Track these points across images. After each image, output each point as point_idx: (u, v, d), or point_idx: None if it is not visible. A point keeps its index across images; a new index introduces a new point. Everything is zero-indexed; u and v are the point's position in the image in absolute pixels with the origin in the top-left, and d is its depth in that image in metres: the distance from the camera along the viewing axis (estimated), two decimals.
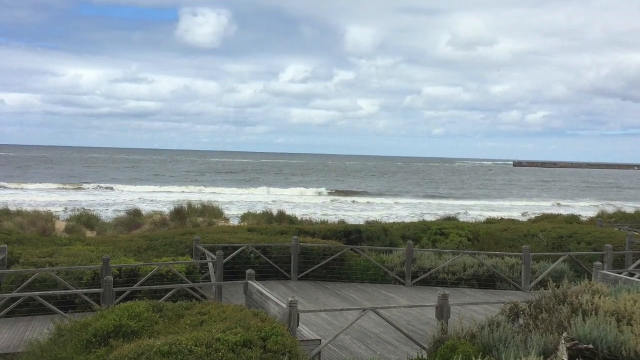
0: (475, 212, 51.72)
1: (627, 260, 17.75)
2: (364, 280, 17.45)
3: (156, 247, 18.01)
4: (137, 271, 14.59)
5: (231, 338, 8.16)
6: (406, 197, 73.57)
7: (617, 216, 30.92)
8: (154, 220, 27.57)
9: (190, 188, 74.37)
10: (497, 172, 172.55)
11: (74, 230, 24.78)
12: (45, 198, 54.52)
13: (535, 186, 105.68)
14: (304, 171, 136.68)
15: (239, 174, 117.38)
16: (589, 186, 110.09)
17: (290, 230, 20.70)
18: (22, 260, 15.23)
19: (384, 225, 23.31)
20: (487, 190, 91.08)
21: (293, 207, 49.16)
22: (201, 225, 25.79)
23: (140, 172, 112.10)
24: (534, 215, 38.19)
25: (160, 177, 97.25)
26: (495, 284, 17.04)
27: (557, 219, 30.22)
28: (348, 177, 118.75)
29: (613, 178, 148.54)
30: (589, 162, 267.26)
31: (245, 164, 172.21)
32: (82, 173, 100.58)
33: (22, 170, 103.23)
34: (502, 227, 23.39)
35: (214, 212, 30.49)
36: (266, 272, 17.20)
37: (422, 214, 46.51)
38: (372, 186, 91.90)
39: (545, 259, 17.78)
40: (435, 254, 18.13)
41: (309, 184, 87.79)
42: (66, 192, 63.70)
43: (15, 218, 25.47)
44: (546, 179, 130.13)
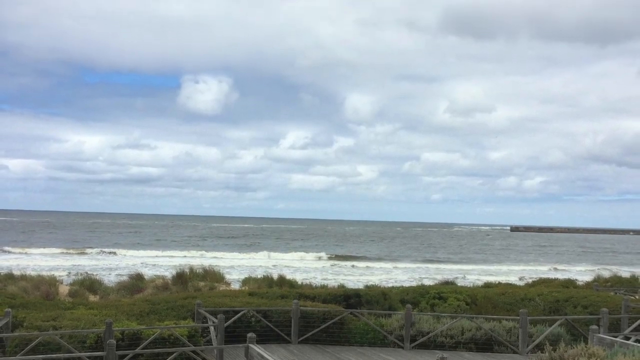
0: (473, 276, 51.72)
1: (623, 323, 17.95)
2: (363, 343, 17.61)
3: (158, 311, 18.16)
4: (139, 335, 14.71)
5: None
6: (405, 261, 73.51)
7: (613, 280, 31.10)
8: (156, 284, 27.76)
9: (192, 253, 74.46)
10: (495, 237, 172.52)
11: (77, 295, 24.96)
12: (49, 262, 54.66)
13: (533, 251, 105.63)
14: (304, 236, 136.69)
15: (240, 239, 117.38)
16: (585, 251, 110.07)
17: (290, 294, 20.86)
18: (26, 324, 15.35)
19: (383, 290, 23.45)
20: (484, 255, 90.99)
21: (293, 272, 49.24)
22: (203, 290, 25.97)
23: (143, 237, 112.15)
24: (531, 280, 38.36)
25: (162, 242, 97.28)
26: (493, 348, 17.19)
27: (554, 283, 30.38)
28: (348, 242, 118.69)
29: (609, 243, 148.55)
30: (586, 227, 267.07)
31: (246, 229, 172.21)
32: (85, 238, 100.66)
33: (26, 235, 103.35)
34: (500, 291, 23.55)
35: (216, 276, 30.68)
36: (267, 336, 17.36)
37: (421, 278, 46.59)
38: (372, 251, 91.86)
39: (542, 323, 17.96)
40: (433, 317, 18.31)
41: (309, 249, 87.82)
42: (70, 257, 63.84)
43: (19, 282, 25.66)
44: (543, 244, 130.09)
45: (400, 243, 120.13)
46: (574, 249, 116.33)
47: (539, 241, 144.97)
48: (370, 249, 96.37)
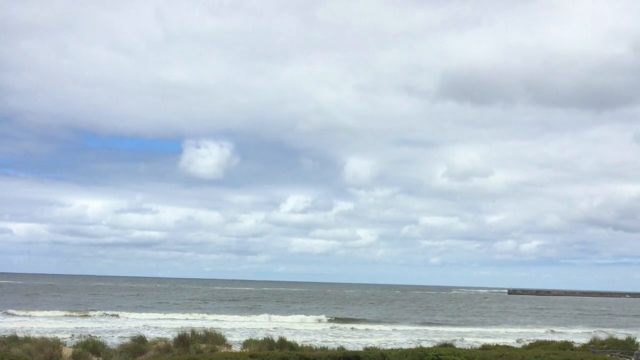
0: (471, 338, 51.60)
1: None
2: None
3: None
4: None
5: None
6: (404, 324, 73.16)
7: (609, 343, 31.26)
8: (159, 346, 28.03)
9: (194, 315, 74.22)
10: (493, 299, 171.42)
11: (80, 357, 25.21)
12: (52, 325, 54.62)
13: (530, 313, 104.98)
14: (305, 299, 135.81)
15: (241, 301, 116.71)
16: (582, 313, 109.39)
17: (291, 356, 21.21)
18: None
19: (383, 352, 23.73)
20: (482, 318, 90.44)
21: (294, 334, 49.26)
22: (204, 352, 26.24)
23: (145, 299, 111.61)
24: (529, 342, 38.43)
25: (164, 305, 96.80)
26: None
27: (551, 346, 30.51)
28: (347, 304, 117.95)
29: (605, 306, 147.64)
30: (582, 290, 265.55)
31: (247, 292, 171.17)
32: (88, 301, 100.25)
33: (30, 298, 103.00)
34: (498, 354, 23.72)
35: (217, 338, 30.93)
36: None
37: (420, 341, 46.58)
38: (371, 313, 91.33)
39: None
40: None
41: (310, 312, 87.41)
42: (73, 319, 63.67)
43: (23, 345, 25.89)
44: (540, 307, 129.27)
45: (399, 306, 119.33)
46: (571, 311, 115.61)
47: (536, 304, 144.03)
48: (369, 312, 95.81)
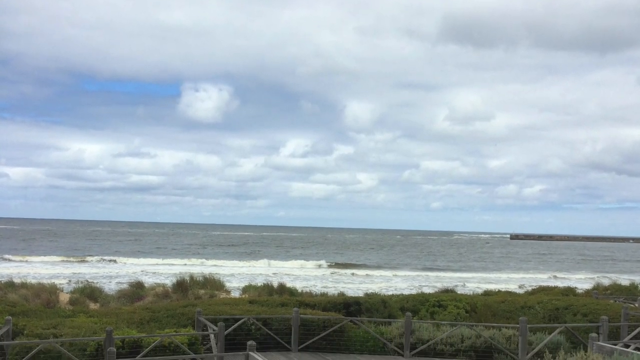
0: (472, 284, 51.68)
1: (622, 331, 17.95)
2: (363, 351, 17.62)
3: (159, 319, 18.19)
4: (140, 343, 14.73)
5: None
6: (405, 269, 73.45)
7: (612, 288, 31.04)
8: (157, 292, 27.76)
9: (192, 261, 74.46)
10: (495, 245, 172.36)
11: (77, 302, 24.96)
12: (49, 271, 54.66)
13: (532, 259, 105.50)
14: (304, 244, 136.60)
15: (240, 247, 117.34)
16: (584, 259, 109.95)
17: (290, 302, 20.88)
18: (26, 332, 15.37)
19: (383, 298, 23.45)
20: (484, 263, 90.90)
21: (293, 280, 49.23)
22: (203, 298, 25.96)
23: (143, 245, 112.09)
24: (531, 288, 38.29)
25: (162, 250, 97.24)
26: (493, 355, 17.19)
27: (554, 291, 30.31)
28: (347, 250, 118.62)
29: (608, 251, 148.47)
30: (585, 235, 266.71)
31: (246, 237, 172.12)
32: (85, 246, 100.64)
33: (27, 243, 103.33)
34: (500, 299, 23.53)
35: (216, 284, 30.67)
36: (267, 344, 17.38)
37: (421, 286, 46.55)
38: (371, 259, 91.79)
39: (542, 331, 17.95)
40: (433, 325, 18.33)
41: (309, 257, 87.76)
42: (70, 265, 63.81)
43: (19, 290, 25.67)
44: (543, 252, 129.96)
45: (400, 251, 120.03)
46: (574, 257, 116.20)
47: (538, 249, 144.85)
48: (370, 257, 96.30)
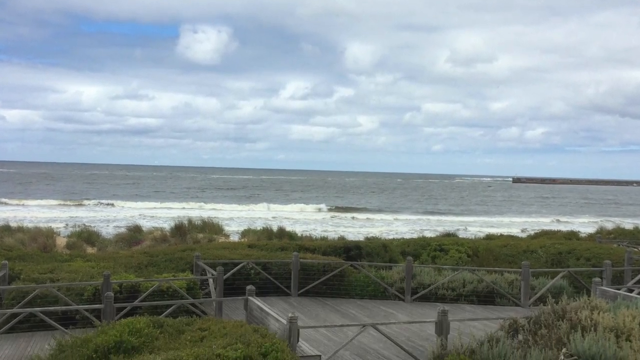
0: (474, 228, 51.71)
1: (626, 276, 17.78)
2: (363, 296, 17.47)
3: (157, 263, 18.03)
4: (137, 287, 14.60)
5: (231, 354, 8.18)
6: (406, 213, 73.57)
7: (616, 232, 30.91)
8: (155, 236, 27.61)
9: (191, 204, 74.42)
10: (497, 188, 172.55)
11: (74, 247, 24.82)
12: (46, 214, 54.55)
13: (535, 202, 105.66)
14: (304, 188, 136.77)
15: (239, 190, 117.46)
16: (588, 203, 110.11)
17: (290, 246, 20.71)
18: (23, 277, 15.26)
19: (384, 242, 23.30)
20: (486, 207, 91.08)
21: (293, 224, 49.19)
22: (202, 242, 25.82)
23: (141, 188, 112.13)
24: (533, 232, 38.18)
25: (160, 194, 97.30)
26: (495, 300, 17.05)
27: (557, 235, 30.21)
28: (348, 193, 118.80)
29: (612, 194, 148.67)
30: (588, 179, 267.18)
31: (245, 180, 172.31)
32: (83, 189, 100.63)
33: (24, 186, 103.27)
34: (502, 244, 23.40)
35: (215, 228, 30.53)
36: (266, 288, 17.22)
37: (422, 230, 46.50)
38: (372, 202, 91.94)
39: (545, 275, 17.80)
40: (434, 270, 18.16)
41: (309, 201, 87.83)
42: (67, 209, 63.74)
43: (16, 234, 25.52)
44: (545, 196, 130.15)
45: (401, 194, 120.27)
46: (577, 200, 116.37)
47: (541, 193, 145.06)
48: (370, 201, 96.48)
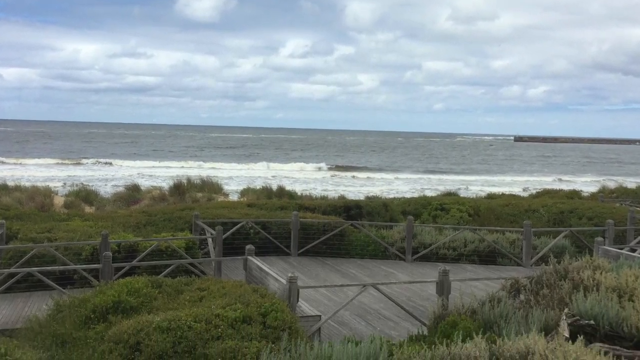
0: (476, 187, 51.59)
1: (628, 235, 17.68)
2: (364, 256, 17.40)
3: (155, 222, 17.94)
4: (136, 247, 14.54)
5: (231, 314, 8.09)
6: (406, 172, 73.40)
7: (618, 192, 30.77)
8: (153, 195, 27.49)
9: (190, 163, 74.16)
10: (498, 147, 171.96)
11: (72, 206, 24.71)
12: (43, 173, 54.36)
13: (537, 161, 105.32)
14: (304, 146, 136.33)
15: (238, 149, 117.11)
16: (590, 161, 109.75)
17: (290, 205, 20.61)
18: (20, 236, 15.18)
19: (384, 201, 23.21)
20: (488, 166, 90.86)
21: (293, 183, 49.06)
22: (200, 201, 25.71)
23: (139, 147, 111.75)
24: (535, 191, 38.03)
25: (159, 153, 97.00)
26: (496, 260, 16.99)
27: (559, 195, 30.05)
28: (348, 152, 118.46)
29: (614, 153, 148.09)
30: (590, 138, 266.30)
31: (244, 139, 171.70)
32: (80, 148, 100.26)
33: (21, 145, 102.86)
34: (503, 203, 23.29)
35: (214, 187, 30.40)
36: (266, 248, 17.14)
37: (423, 190, 46.36)
38: (372, 161, 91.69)
39: (547, 235, 17.71)
40: (435, 229, 18.06)
41: (309, 159, 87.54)
42: (65, 168, 63.48)
43: (13, 193, 25.39)
44: (547, 154, 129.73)
45: (401, 153, 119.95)
46: (579, 159, 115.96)
47: (543, 151, 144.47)
48: (371, 160, 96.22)
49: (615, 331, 8.50)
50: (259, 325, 8.07)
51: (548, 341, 7.34)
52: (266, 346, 7.32)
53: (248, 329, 7.90)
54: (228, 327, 7.85)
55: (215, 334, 7.70)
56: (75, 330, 8.67)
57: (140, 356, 7.44)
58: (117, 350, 7.56)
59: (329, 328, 10.64)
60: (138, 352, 7.51)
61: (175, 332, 7.65)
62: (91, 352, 7.80)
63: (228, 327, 7.85)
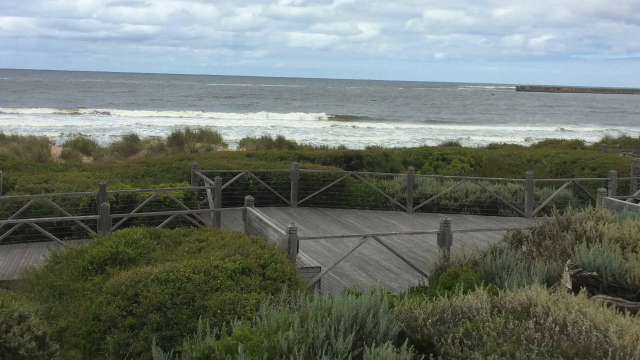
0: (477, 137, 51.28)
1: (632, 186, 17.53)
2: (364, 206, 17.30)
3: (154, 173, 17.82)
4: (134, 198, 14.45)
5: (230, 265, 8.00)
6: (407, 122, 72.89)
7: (621, 142, 30.54)
8: (152, 145, 27.31)
9: (188, 113, 73.60)
10: (500, 96, 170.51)
11: (70, 156, 24.55)
12: (41, 123, 53.95)
13: (539, 111, 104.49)
14: (304, 96, 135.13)
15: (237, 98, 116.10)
16: (593, 111, 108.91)
17: (289, 155, 20.47)
18: (17, 187, 15.08)
19: (385, 151, 23.05)
20: (489, 116, 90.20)
21: (292, 133, 48.72)
22: (199, 151, 25.53)
23: (138, 96, 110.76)
24: (538, 141, 37.84)
25: (157, 102, 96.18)
26: (498, 211, 16.89)
27: (561, 145, 29.90)
28: (348, 102, 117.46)
29: (617, 103, 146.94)
30: (593, 87, 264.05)
31: (244, 88, 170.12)
32: (78, 98, 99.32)
33: (18, 94, 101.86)
34: (505, 153, 23.14)
35: (212, 137, 30.20)
36: (265, 199, 17.04)
37: (424, 140, 46.02)
38: (373, 111, 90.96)
39: (549, 185, 17.58)
40: (437, 180, 17.90)
41: (309, 109, 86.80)
42: (62, 117, 62.95)
43: (10, 143, 25.21)
44: (550, 104, 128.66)
45: (402, 103, 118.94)
46: (582, 109, 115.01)
47: (545, 101, 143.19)
48: (371, 109, 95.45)
49: (618, 283, 8.44)
50: (258, 277, 7.98)
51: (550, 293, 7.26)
52: (265, 298, 7.23)
53: (247, 281, 7.81)
54: (227, 279, 7.76)
55: (214, 286, 7.61)
56: (72, 282, 8.61)
57: (138, 308, 7.37)
58: (114, 302, 7.48)
59: (329, 279, 10.60)
60: (136, 303, 7.44)
61: (173, 283, 7.56)
62: (89, 304, 7.74)
63: (227, 279, 7.76)
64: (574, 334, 5.90)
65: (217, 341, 6.20)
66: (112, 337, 7.16)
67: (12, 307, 7.05)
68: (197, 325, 6.75)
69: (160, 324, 7.20)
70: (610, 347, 5.61)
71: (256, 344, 6.09)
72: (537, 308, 6.59)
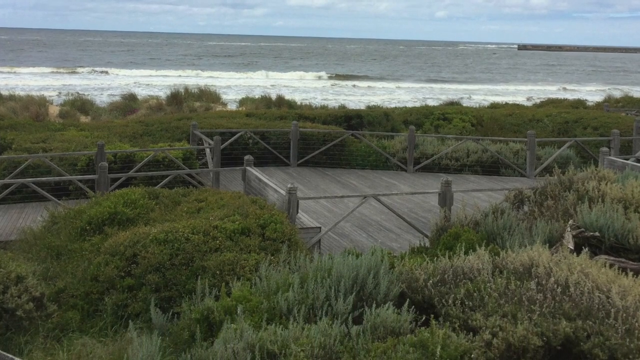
0: (479, 96, 50.85)
1: (634, 146, 17.38)
2: (365, 166, 17.19)
3: (152, 132, 17.70)
4: (132, 157, 14.35)
5: (229, 226, 7.93)
6: (408, 81, 72.19)
7: (624, 101, 30.32)
8: (150, 105, 27.09)
9: (187, 72, 72.85)
10: (502, 55, 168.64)
11: (68, 116, 24.36)
12: (38, 82, 53.43)
13: (541, 70, 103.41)
14: (304, 55, 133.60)
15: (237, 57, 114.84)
16: (595, 70, 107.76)
17: (289, 115, 20.29)
18: (14, 146, 14.98)
19: (386, 110, 22.84)
20: (491, 75, 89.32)
21: (292, 92, 48.24)
22: (198, 110, 25.34)
23: (136, 55, 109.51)
24: (539, 100, 37.52)
25: (156, 61, 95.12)
26: (500, 171, 16.78)
27: (563, 104, 29.67)
28: (349, 61, 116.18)
29: (620, 62, 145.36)
30: (596, 46, 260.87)
31: (243, 47, 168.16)
32: (76, 57, 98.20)
33: (15, 53, 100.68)
34: (507, 112, 22.93)
35: (212, 96, 29.95)
36: (265, 159, 16.92)
37: (425, 99, 45.60)
38: (373, 70, 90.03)
39: (551, 145, 17.43)
40: (438, 139, 17.74)
41: (309, 68, 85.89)
42: (60, 76, 62.32)
43: (7, 103, 25.01)
44: (552, 63, 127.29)
45: (403, 62, 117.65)
46: (584, 68, 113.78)
47: (547, 60, 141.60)
48: (372, 68, 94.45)
49: (621, 243, 8.39)
50: (258, 237, 7.92)
51: (552, 253, 7.22)
52: (265, 258, 7.19)
53: (247, 241, 7.75)
54: (226, 239, 7.70)
55: (213, 246, 7.56)
56: (70, 242, 8.55)
57: (136, 268, 7.33)
58: (113, 263, 7.44)
59: (329, 240, 10.55)
60: (134, 264, 7.40)
61: (172, 244, 7.51)
62: (87, 264, 7.70)
63: (226, 239, 7.70)
64: (576, 294, 5.86)
65: (216, 302, 6.17)
66: (110, 298, 7.14)
67: (10, 268, 7.00)
68: (196, 286, 6.72)
69: (159, 284, 7.17)
70: (613, 308, 5.57)
71: (256, 305, 6.06)
72: (539, 269, 6.54)
